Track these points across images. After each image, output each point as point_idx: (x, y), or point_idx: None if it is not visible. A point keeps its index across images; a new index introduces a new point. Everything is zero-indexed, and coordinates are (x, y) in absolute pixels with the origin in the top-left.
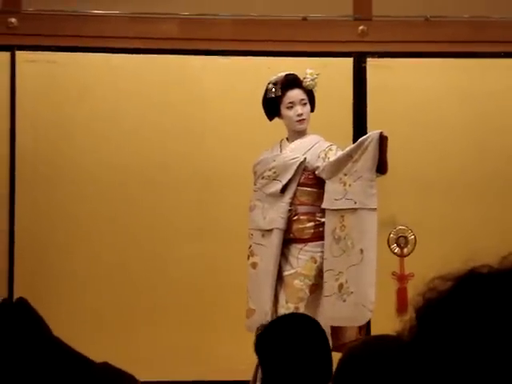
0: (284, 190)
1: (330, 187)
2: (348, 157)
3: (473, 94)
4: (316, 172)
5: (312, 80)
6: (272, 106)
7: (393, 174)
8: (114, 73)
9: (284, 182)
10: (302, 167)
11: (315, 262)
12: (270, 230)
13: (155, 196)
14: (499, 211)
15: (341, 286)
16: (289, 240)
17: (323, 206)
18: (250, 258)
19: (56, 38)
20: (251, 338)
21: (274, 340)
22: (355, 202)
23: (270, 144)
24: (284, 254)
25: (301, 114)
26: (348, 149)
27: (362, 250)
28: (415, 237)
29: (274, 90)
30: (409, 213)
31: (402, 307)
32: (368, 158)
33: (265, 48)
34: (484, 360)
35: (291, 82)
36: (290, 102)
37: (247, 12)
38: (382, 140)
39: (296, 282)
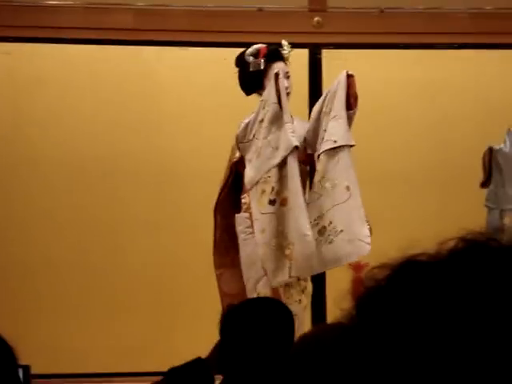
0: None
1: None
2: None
3: (428, 85)
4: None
5: (289, 52)
6: (254, 80)
7: None
8: (69, 63)
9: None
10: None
11: None
12: (285, 158)
13: (113, 188)
14: (454, 200)
15: (323, 230)
16: None
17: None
18: (277, 197)
19: (10, 29)
20: (210, 330)
21: (240, 323)
22: (335, 141)
23: (228, 135)
24: None
25: (288, 87)
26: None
27: (348, 187)
28: (371, 227)
29: (257, 62)
30: (364, 203)
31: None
32: (339, 97)
33: (220, 39)
34: (418, 348)
35: (275, 53)
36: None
37: (202, 3)
38: (349, 78)
39: None
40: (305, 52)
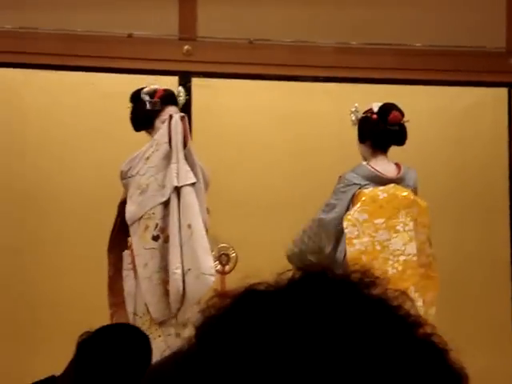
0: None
1: None
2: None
3: (294, 116)
4: None
5: (184, 99)
6: (147, 119)
7: (215, 194)
8: None
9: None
10: None
11: None
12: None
13: None
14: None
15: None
16: None
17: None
18: (161, 234)
19: None
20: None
21: (98, 349)
22: (173, 185)
23: (97, 160)
24: None
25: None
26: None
27: (189, 225)
28: (237, 254)
29: (154, 102)
30: (230, 231)
31: None
32: (178, 141)
33: (89, 64)
34: (251, 373)
35: (171, 97)
36: None
37: (72, 27)
38: (183, 119)
39: None
40: (175, 79)
